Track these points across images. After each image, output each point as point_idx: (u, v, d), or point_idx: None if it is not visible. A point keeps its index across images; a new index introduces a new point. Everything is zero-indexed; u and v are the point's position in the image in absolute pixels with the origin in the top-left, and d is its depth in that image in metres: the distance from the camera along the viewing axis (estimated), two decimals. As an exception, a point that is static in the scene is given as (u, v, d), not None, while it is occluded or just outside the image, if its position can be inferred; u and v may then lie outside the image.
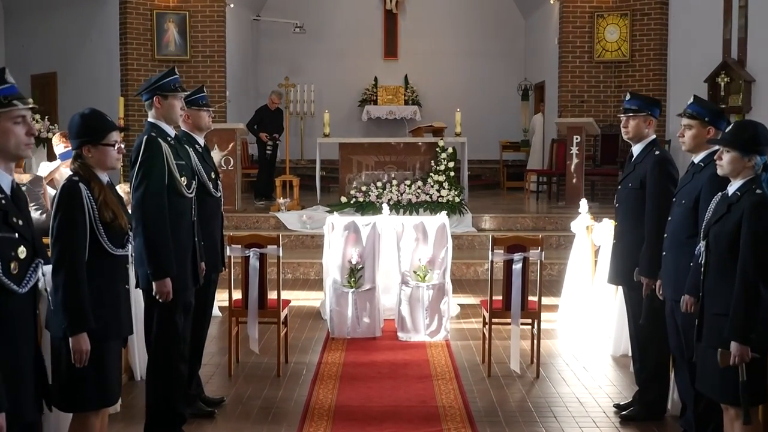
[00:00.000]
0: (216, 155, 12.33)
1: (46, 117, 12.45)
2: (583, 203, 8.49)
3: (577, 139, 13.09)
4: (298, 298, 9.50)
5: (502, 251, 6.39)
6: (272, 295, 6.63)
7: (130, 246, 4.01)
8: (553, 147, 15.44)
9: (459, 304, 8.88)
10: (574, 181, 13.19)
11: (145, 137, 4.72)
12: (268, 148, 14.03)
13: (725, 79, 13.25)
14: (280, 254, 6.38)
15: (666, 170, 5.29)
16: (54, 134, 11.78)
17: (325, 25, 18.94)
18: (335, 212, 11.96)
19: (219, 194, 5.54)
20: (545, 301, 8.17)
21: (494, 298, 6.59)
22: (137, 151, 4.67)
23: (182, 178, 4.74)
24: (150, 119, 4.87)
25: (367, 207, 11.94)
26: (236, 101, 16.21)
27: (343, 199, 12.22)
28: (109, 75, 14.73)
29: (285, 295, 9.83)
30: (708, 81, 13.35)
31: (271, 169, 14.23)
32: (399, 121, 18.84)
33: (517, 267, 6.31)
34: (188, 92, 5.07)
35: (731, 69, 13.08)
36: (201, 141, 5.56)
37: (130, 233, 4.01)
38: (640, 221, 5.30)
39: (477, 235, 11.83)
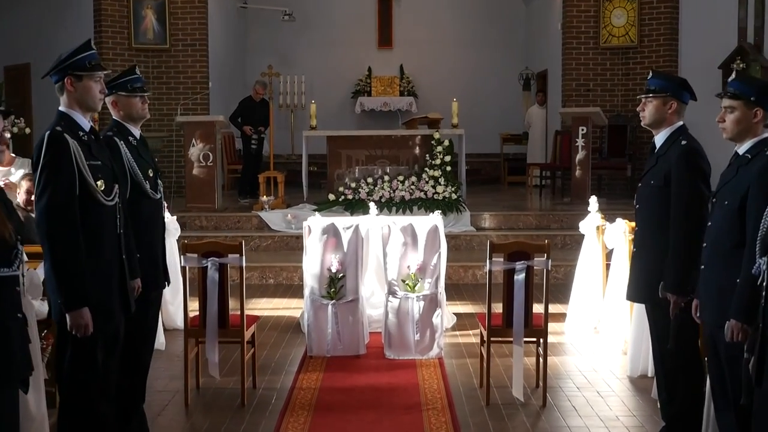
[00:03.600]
0: (195, 150, 11.46)
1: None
2: (593, 201, 7.64)
3: (582, 130, 12.18)
4: (278, 307, 8.64)
5: (501, 259, 5.49)
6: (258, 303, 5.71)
7: (20, 264, 3.13)
8: (556, 139, 14.53)
9: (455, 313, 8.00)
10: (580, 175, 12.28)
11: (47, 133, 3.79)
12: (253, 142, 13.13)
13: (741, 65, 12.36)
14: (243, 264, 5.47)
15: (695, 164, 4.40)
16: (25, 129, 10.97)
17: (315, 13, 18.20)
18: (323, 211, 11.09)
19: (159, 196, 4.64)
20: (550, 308, 7.28)
21: (493, 309, 5.68)
22: (38, 150, 3.75)
23: (98, 182, 3.81)
24: (61, 107, 3.95)
25: (357, 205, 11.04)
26: (222, 93, 15.34)
27: (331, 197, 11.33)
28: (84, 65, 13.77)
29: (264, 303, 9.04)
30: (722, 67, 12.47)
31: (257, 164, 13.32)
32: (394, 113, 18.09)
33: (520, 278, 5.41)
34: (108, 71, 4.13)
35: (747, 54, 12.21)
36: (136, 132, 4.68)
37: (20, 247, 3.13)
38: (665, 225, 4.42)
39: (476, 234, 10.93)
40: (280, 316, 8.23)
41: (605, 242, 7.09)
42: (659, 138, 4.62)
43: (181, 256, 5.45)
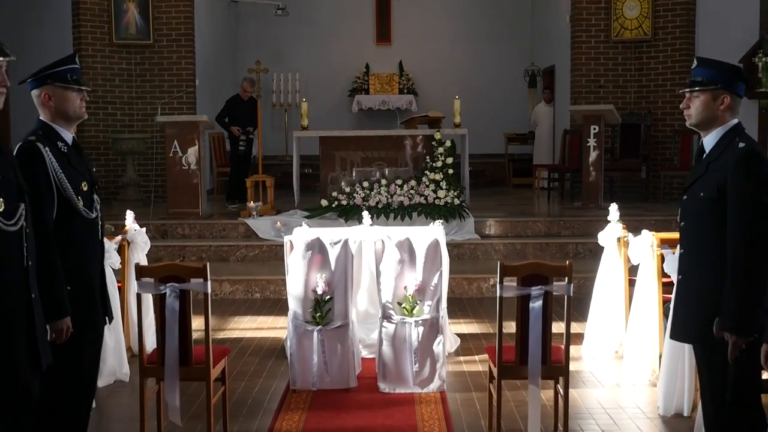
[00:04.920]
0: (191, 153, 10.62)
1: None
2: (613, 209, 6.80)
3: (594, 129, 11.34)
4: (262, 327, 7.81)
5: (514, 284, 4.64)
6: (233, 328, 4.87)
7: None
8: (565, 139, 13.68)
9: (458, 334, 7.15)
10: (592, 177, 11.43)
11: None
12: (241, 143, 12.27)
13: (763, 59, 11.57)
14: (209, 291, 4.62)
15: (757, 170, 3.53)
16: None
17: (310, 7, 17.45)
18: (314, 218, 10.28)
19: (95, 215, 3.78)
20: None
21: (501, 335, 4.84)
22: None
23: None
24: None
25: (352, 211, 10.20)
26: (210, 91, 14.54)
27: (324, 203, 10.48)
28: (63, 63, 12.92)
29: (247, 321, 8.18)
30: (743, 61, 11.65)
31: (245, 167, 12.48)
32: (393, 112, 17.30)
33: (536, 305, 4.56)
34: (11, 57, 3.23)
35: (770, 47, 11.45)
36: (68, 136, 3.82)
37: None
38: (719, 248, 3.56)
39: (480, 242, 10.09)
40: (264, 338, 7.39)
41: (629, 256, 6.24)
42: (709, 140, 3.76)
43: (135, 282, 4.62)
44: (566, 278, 4.60)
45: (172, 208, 10.77)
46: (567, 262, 4.64)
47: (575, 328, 7.24)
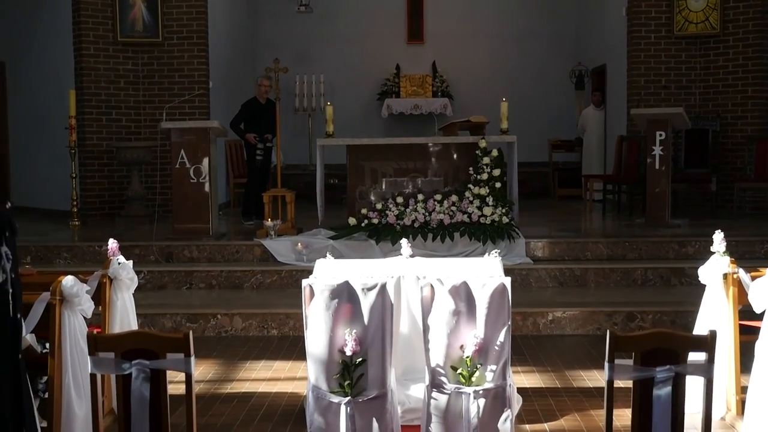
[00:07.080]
0: (201, 163, 9.30)
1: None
2: (718, 238, 5.40)
3: (661, 135, 9.90)
4: (278, 377, 6.46)
5: (630, 362, 3.24)
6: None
7: None
8: (621, 146, 12.25)
9: (518, 390, 5.73)
10: (658, 190, 9.97)
11: None
12: (258, 152, 10.95)
13: None
14: (192, 371, 3.26)
15: None
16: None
17: (335, 4, 16.41)
18: (341, 239, 8.97)
19: (1, 279, 2.43)
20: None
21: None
22: None
23: None
24: None
25: (384, 231, 8.85)
26: (226, 95, 13.35)
27: (352, 221, 9.12)
28: (63, 63, 11.76)
29: (261, 369, 6.73)
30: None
31: (263, 179, 11.17)
32: (426, 117, 16.19)
33: (664, 393, 3.16)
34: None
35: None
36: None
37: None
38: None
39: (533, 267, 8.69)
40: (280, 393, 6.02)
41: (751, 303, 4.83)
42: None
43: (88, 359, 3.27)
44: (706, 354, 3.19)
45: (177, 224, 9.45)
46: (707, 332, 3.22)
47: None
